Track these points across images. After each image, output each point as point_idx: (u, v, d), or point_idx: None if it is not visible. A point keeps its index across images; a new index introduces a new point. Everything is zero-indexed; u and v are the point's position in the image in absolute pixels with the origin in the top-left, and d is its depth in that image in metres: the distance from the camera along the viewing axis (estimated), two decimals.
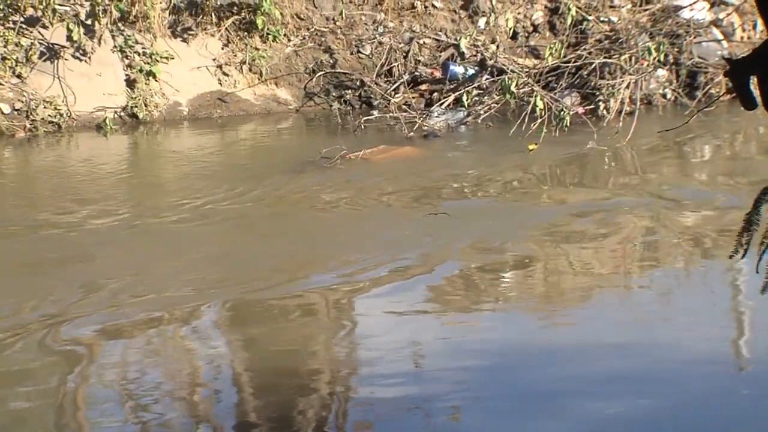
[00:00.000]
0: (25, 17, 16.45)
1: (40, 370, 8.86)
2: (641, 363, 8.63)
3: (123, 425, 8.02)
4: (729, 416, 7.85)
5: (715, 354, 8.91)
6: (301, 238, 11.94)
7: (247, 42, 17.37)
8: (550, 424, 7.70)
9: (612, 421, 7.69)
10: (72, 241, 11.73)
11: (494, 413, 8.01)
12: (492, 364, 8.88)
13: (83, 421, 8.06)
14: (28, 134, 16.01)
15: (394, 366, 8.87)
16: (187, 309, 9.88)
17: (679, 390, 8.14)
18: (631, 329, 9.51)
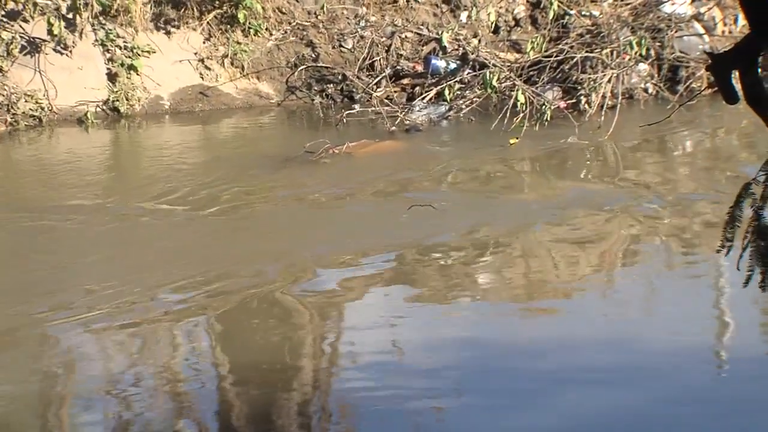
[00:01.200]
0: (5, 11, 16.48)
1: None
2: (620, 355, 8.71)
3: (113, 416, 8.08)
4: (708, 407, 7.94)
5: (696, 345, 9.00)
6: (284, 230, 12.00)
7: (229, 36, 17.40)
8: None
9: (597, 411, 7.76)
10: (51, 233, 11.75)
11: (475, 405, 8.08)
12: (475, 355, 8.95)
13: (65, 416, 8.12)
14: (9, 128, 16.04)
15: (376, 355, 8.93)
16: (160, 302, 9.94)
17: (659, 381, 8.23)
18: (612, 320, 9.59)
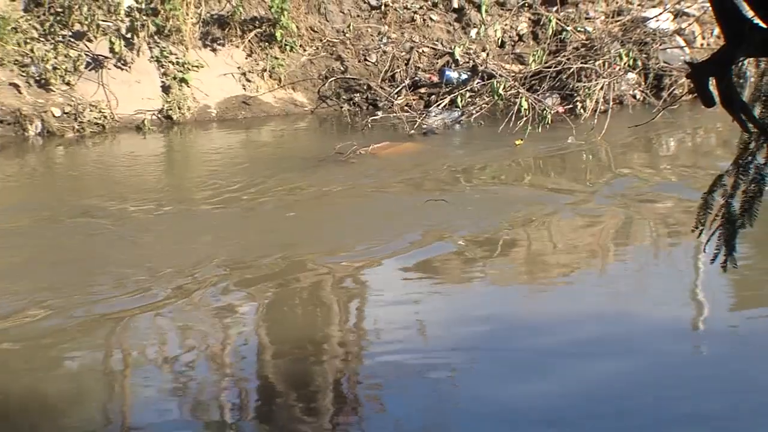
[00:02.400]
0: (72, 32, 16.51)
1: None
2: (615, 328, 8.76)
3: (162, 386, 8.15)
4: (691, 372, 8.00)
5: (678, 319, 9.06)
6: (317, 220, 12.04)
7: (268, 52, 17.41)
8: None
9: (589, 377, 7.82)
10: (113, 227, 11.81)
11: (487, 373, 8.14)
12: (486, 330, 9.00)
13: (128, 385, 8.19)
14: (76, 135, 16.05)
15: (399, 330, 8.99)
16: (216, 283, 9.99)
17: (648, 354, 8.29)
18: (607, 299, 9.64)
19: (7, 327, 8.97)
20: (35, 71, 16.14)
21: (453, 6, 18.11)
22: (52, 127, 15.95)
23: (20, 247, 11.16)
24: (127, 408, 7.86)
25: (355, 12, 17.99)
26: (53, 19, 16.43)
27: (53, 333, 8.93)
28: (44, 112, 16.01)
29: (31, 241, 11.39)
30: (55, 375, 8.38)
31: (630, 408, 7.37)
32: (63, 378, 8.35)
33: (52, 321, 9.10)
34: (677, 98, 16.66)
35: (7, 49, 16.04)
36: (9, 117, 15.86)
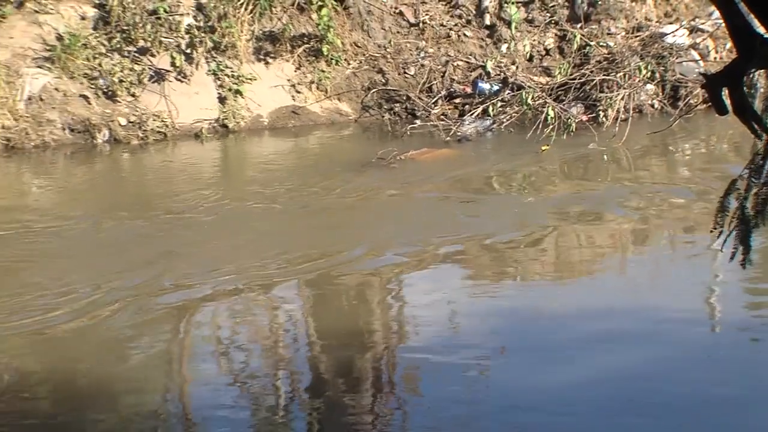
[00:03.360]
0: (137, 48, 16.57)
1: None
2: (633, 321, 8.72)
3: (222, 372, 8.17)
4: (706, 361, 7.96)
5: (695, 314, 9.02)
6: (361, 219, 12.08)
7: (315, 65, 17.43)
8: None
9: (613, 366, 7.78)
10: (174, 225, 11.85)
11: (514, 361, 8.12)
12: (514, 321, 8.98)
13: (186, 371, 8.21)
14: (140, 142, 16.11)
15: (434, 321, 8.98)
16: (269, 278, 10.01)
17: (666, 343, 8.25)
18: (627, 295, 9.59)
19: (80, 315, 9.03)
20: (103, 84, 16.21)
21: (485, 23, 18.07)
22: (118, 135, 16.01)
23: (91, 242, 11.25)
24: (186, 391, 7.89)
25: (395, 29, 17.98)
26: (120, 36, 16.50)
27: (121, 321, 8.98)
28: (111, 122, 16.08)
29: (98, 237, 11.48)
30: (122, 360, 8.41)
31: (653, 395, 7.33)
32: (129, 363, 8.39)
33: (120, 310, 9.14)
34: (692, 107, 16.57)
35: (77, 63, 16.12)
36: (79, 126, 15.94)
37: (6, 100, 15.65)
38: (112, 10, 16.57)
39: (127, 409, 7.54)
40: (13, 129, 15.64)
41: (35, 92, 15.94)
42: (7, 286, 9.79)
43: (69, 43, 16.18)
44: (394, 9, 18.11)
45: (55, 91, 16.03)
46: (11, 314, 9.05)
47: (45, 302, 9.35)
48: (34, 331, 8.76)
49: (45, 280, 10.02)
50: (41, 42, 16.29)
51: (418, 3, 18.18)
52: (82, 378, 7.97)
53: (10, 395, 7.82)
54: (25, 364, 8.28)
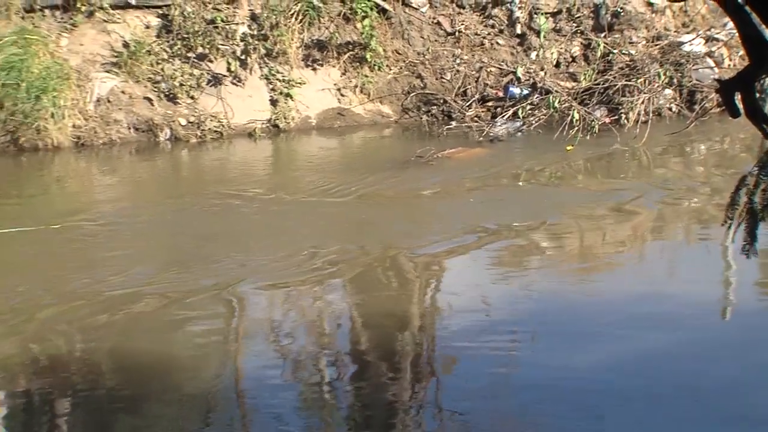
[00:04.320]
0: (196, 54, 16.63)
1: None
2: (654, 307, 8.73)
3: (275, 352, 8.23)
4: (720, 345, 7.96)
5: (710, 300, 9.02)
6: (402, 212, 12.13)
7: (359, 71, 17.43)
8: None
9: (633, 350, 7.80)
10: (227, 216, 11.93)
11: (542, 344, 8.15)
12: (541, 307, 9.01)
13: (241, 347, 8.27)
14: (198, 140, 16.17)
15: (466, 306, 9.01)
16: (315, 264, 10.07)
17: (683, 329, 8.26)
18: (645, 282, 9.60)
19: (145, 294, 9.13)
20: (165, 87, 16.31)
21: (516, 32, 18.06)
22: (178, 134, 16.10)
23: (154, 231, 11.39)
24: (239, 366, 7.95)
25: (433, 37, 17.99)
26: (180, 44, 16.58)
27: (180, 301, 9.07)
28: (172, 122, 16.17)
29: (161, 226, 11.58)
30: (183, 337, 8.50)
31: (668, 375, 7.35)
32: (188, 340, 8.47)
33: (180, 291, 9.24)
34: (707, 111, 16.53)
35: (142, 68, 16.23)
36: (143, 125, 16.04)
37: (77, 101, 15.78)
38: (173, 19, 16.67)
39: (186, 383, 7.61)
40: (83, 128, 15.76)
41: (103, 95, 16.05)
42: (79, 268, 9.91)
43: (134, 50, 16.29)
44: (432, 19, 18.13)
45: (122, 93, 16.14)
46: (86, 294, 9.16)
47: (116, 281, 9.47)
48: (108, 309, 8.87)
49: (113, 262, 10.14)
50: (109, 49, 16.40)
51: (454, 14, 18.20)
52: (147, 354, 8.04)
53: (83, 369, 7.93)
54: (98, 341, 8.38)
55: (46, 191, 14.27)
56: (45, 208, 12.88)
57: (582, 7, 18.23)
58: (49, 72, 15.42)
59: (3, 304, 8.99)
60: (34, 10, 16.27)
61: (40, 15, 16.30)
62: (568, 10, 18.20)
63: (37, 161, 15.11)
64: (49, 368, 7.86)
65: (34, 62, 15.34)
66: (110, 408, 7.21)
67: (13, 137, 15.27)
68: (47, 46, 15.78)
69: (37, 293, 9.27)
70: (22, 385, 7.61)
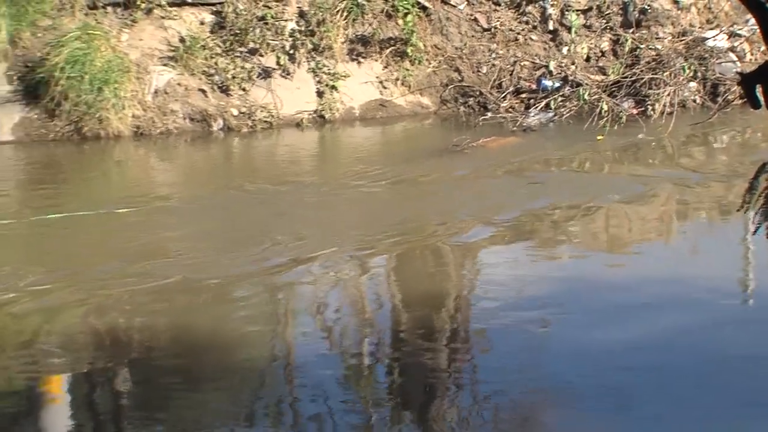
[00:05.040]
0: (247, 49, 16.69)
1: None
2: (679, 290, 8.73)
3: (322, 329, 8.30)
4: (739, 326, 7.97)
5: (730, 283, 9.02)
6: (439, 197, 12.14)
7: (400, 65, 17.43)
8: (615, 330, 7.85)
9: (660, 327, 7.81)
10: (276, 200, 12.01)
11: (572, 322, 8.17)
12: (571, 287, 9.03)
13: (283, 327, 8.35)
14: (249, 130, 16.23)
15: (500, 286, 9.04)
16: (357, 246, 10.13)
17: (706, 309, 8.27)
18: (671, 265, 9.60)
19: (195, 277, 9.21)
20: (218, 80, 16.39)
21: (549, 28, 18.02)
22: (231, 124, 16.19)
23: (206, 216, 11.43)
24: (288, 346, 8.02)
25: (470, 33, 17.98)
26: (233, 39, 16.67)
27: (228, 283, 9.15)
28: (225, 112, 16.26)
29: (214, 211, 11.64)
30: (231, 317, 8.57)
31: (694, 353, 7.37)
32: (241, 317, 8.56)
33: (227, 272, 9.31)
34: (730, 102, 16.46)
35: (197, 62, 16.32)
36: (198, 116, 16.14)
37: (136, 93, 15.90)
38: (226, 16, 16.76)
39: (239, 356, 7.70)
40: (141, 118, 15.88)
41: (161, 86, 16.16)
42: (140, 252, 10.01)
43: (190, 45, 16.38)
44: (469, 16, 18.13)
45: (178, 85, 16.24)
46: (145, 272, 9.26)
47: (174, 261, 9.58)
48: (165, 288, 8.96)
49: (171, 243, 10.25)
50: (166, 44, 16.50)
51: (490, 11, 18.19)
52: (202, 329, 8.13)
53: (144, 345, 8.04)
54: (158, 318, 8.48)
55: (107, 177, 14.43)
56: (107, 193, 13.02)
57: (611, 5, 18.17)
58: (110, 65, 15.54)
59: (66, 281, 9.09)
60: (96, 7, 16.40)
61: (102, 12, 16.42)
62: (598, 7, 18.15)
63: (99, 149, 15.24)
64: (113, 344, 7.95)
65: (96, 56, 15.46)
66: (169, 382, 7.31)
67: (77, 126, 15.41)
68: (109, 41, 15.89)
69: (100, 271, 9.36)
70: (86, 360, 7.70)
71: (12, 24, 15.64)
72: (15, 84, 15.65)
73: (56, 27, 16.01)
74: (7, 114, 15.51)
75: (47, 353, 7.80)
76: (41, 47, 15.81)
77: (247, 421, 6.68)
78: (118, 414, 6.95)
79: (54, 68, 15.29)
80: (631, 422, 6.41)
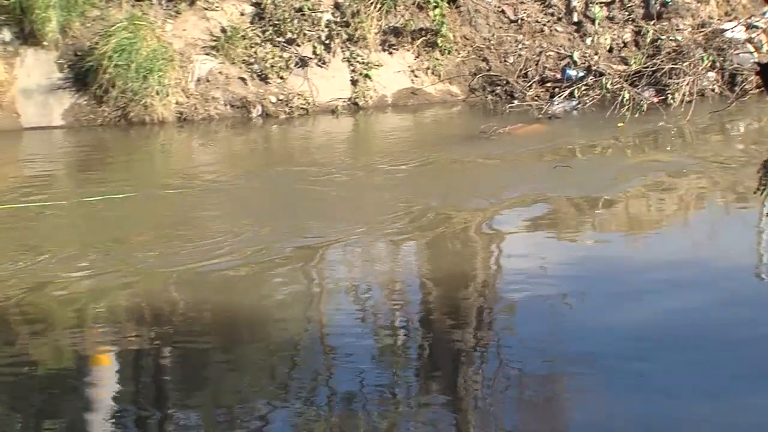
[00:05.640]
0: (285, 39, 16.71)
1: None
2: (696, 270, 8.73)
3: (356, 304, 8.34)
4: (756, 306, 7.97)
5: (745, 263, 9.01)
6: (466, 180, 12.18)
7: (431, 54, 17.42)
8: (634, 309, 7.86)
9: (676, 309, 7.82)
10: (313, 183, 12.05)
11: (594, 300, 8.19)
12: (594, 267, 9.04)
13: (323, 303, 8.40)
14: (286, 116, 16.26)
15: (525, 265, 9.07)
16: (391, 224, 10.18)
17: (721, 288, 8.26)
18: (688, 247, 9.60)
19: (237, 257, 9.26)
20: (257, 68, 16.45)
21: (573, 20, 17.95)
22: (269, 111, 16.24)
23: (246, 198, 11.52)
24: (322, 323, 8.07)
25: (498, 24, 17.93)
26: (271, 29, 16.71)
27: (272, 258, 9.21)
28: (263, 99, 16.31)
29: (254, 192, 11.73)
30: (274, 290, 8.64)
31: (707, 329, 7.37)
32: (279, 293, 8.62)
33: (268, 252, 9.36)
34: (747, 92, 16.37)
35: (237, 51, 16.38)
36: (238, 102, 16.20)
37: (180, 81, 15.97)
38: (265, 7, 16.81)
39: (274, 336, 7.74)
40: (185, 104, 15.96)
41: (203, 75, 16.23)
42: (184, 231, 10.09)
43: (231, 35, 16.44)
44: (497, 8, 18.08)
45: (219, 74, 16.30)
46: (191, 254, 9.33)
47: (215, 240, 9.64)
48: (208, 268, 9.03)
49: (212, 224, 10.32)
50: (208, 34, 16.56)
51: (517, 3, 18.14)
52: (238, 309, 8.18)
53: (185, 320, 8.10)
54: (196, 297, 8.54)
55: (153, 160, 14.54)
56: (152, 175, 13.13)
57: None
58: (155, 54, 15.61)
59: (114, 261, 9.16)
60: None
61: (148, 3, 16.48)
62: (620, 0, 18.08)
63: (144, 134, 15.33)
64: (158, 321, 8.01)
65: (142, 45, 15.53)
66: (210, 356, 7.38)
67: (124, 112, 15.51)
68: (154, 31, 15.95)
69: (147, 251, 9.44)
70: (130, 334, 7.78)
71: (63, 15, 15.73)
72: (65, 72, 15.77)
73: (104, 18, 16.09)
74: (58, 100, 15.64)
75: (96, 330, 7.88)
76: (90, 37, 15.91)
77: (284, 392, 6.73)
78: (162, 386, 7.02)
79: (102, 57, 15.39)
80: (648, 389, 6.43)
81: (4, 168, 13.83)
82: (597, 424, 6.12)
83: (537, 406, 6.49)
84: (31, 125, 15.38)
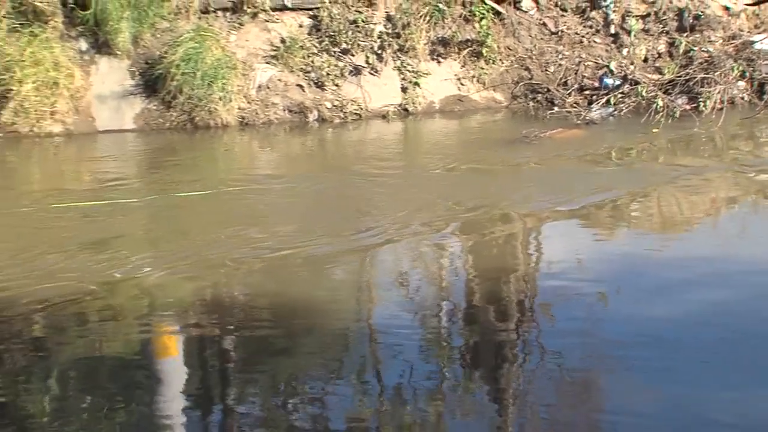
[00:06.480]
0: (340, 49, 16.78)
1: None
2: (724, 267, 8.66)
3: (395, 300, 8.33)
4: None
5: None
6: (509, 182, 12.14)
7: (476, 64, 17.41)
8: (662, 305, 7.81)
9: (703, 304, 7.76)
10: (365, 183, 12.07)
11: (624, 295, 8.15)
12: (625, 263, 8.99)
13: (371, 298, 8.40)
14: (341, 121, 16.33)
15: (560, 263, 9.04)
16: (437, 226, 10.16)
17: (745, 287, 8.19)
18: (719, 247, 9.51)
19: (292, 252, 9.28)
20: (314, 76, 16.51)
21: (611, 32, 17.87)
22: (325, 116, 16.30)
23: (303, 198, 11.55)
24: (370, 314, 8.08)
25: (539, 36, 17.89)
26: (328, 40, 16.78)
27: (327, 254, 9.23)
28: (320, 105, 16.38)
29: (312, 191, 11.76)
30: (322, 287, 8.64)
31: (731, 325, 7.32)
32: (327, 290, 8.63)
33: (322, 248, 9.38)
34: None
35: (295, 60, 16.47)
36: (296, 108, 16.28)
37: (242, 87, 16.08)
38: (322, 20, 16.88)
39: (324, 326, 7.76)
40: (246, 110, 16.07)
41: (264, 82, 16.32)
42: (247, 228, 10.13)
43: (289, 45, 16.53)
44: (539, 20, 18.04)
45: (279, 81, 16.39)
46: (255, 249, 9.38)
47: (275, 236, 9.70)
48: (270, 263, 9.08)
49: (272, 220, 10.37)
50: (269, 44, 16.66)
51: (557, 16, 18.08)
52: (290, 300, 8.20)
53: (245, 310, 8.15)
54: (264, 288, 8.60)
55: (217, 161, 14.63)
56: (217, 175, 13.21)
57: (668, 11, 17.98)
58: (219, 63, 15.73)
59: (182, 256, 9.22)
60: (208, 11, 16.62)
61: (213, 15, 16.62)
62: (655, 13, 17.97)
63: (209, 137, 15.45)
64: (222, 311, 8.07)
65: (207, 55, 15.66)
66: (269, 343, 7.41)
67: (190, 117, 15.64)
68: (218, 41, 16.08)
69: (213, 245, 9.50)
70: (199, 324, 7.83)
71: (134, 26, 15.90)
72: (137, 79, 15.93)
73: (173, 29, 16.24)
74: (129, 105, 15.80)
75: (166, 318, 7.94)
76: (159, 47, 16.06)
77: (336, 377, 6.76)
78: (225, 369, 7.07)
79: (170, 65, 15.54)
80: (677, 379, 6.39)
81: (81, 167, 14.02)
82: (628, 411, 6.08)
83: (573, 396, 6.46)
84: (105, 128, 15.57)
